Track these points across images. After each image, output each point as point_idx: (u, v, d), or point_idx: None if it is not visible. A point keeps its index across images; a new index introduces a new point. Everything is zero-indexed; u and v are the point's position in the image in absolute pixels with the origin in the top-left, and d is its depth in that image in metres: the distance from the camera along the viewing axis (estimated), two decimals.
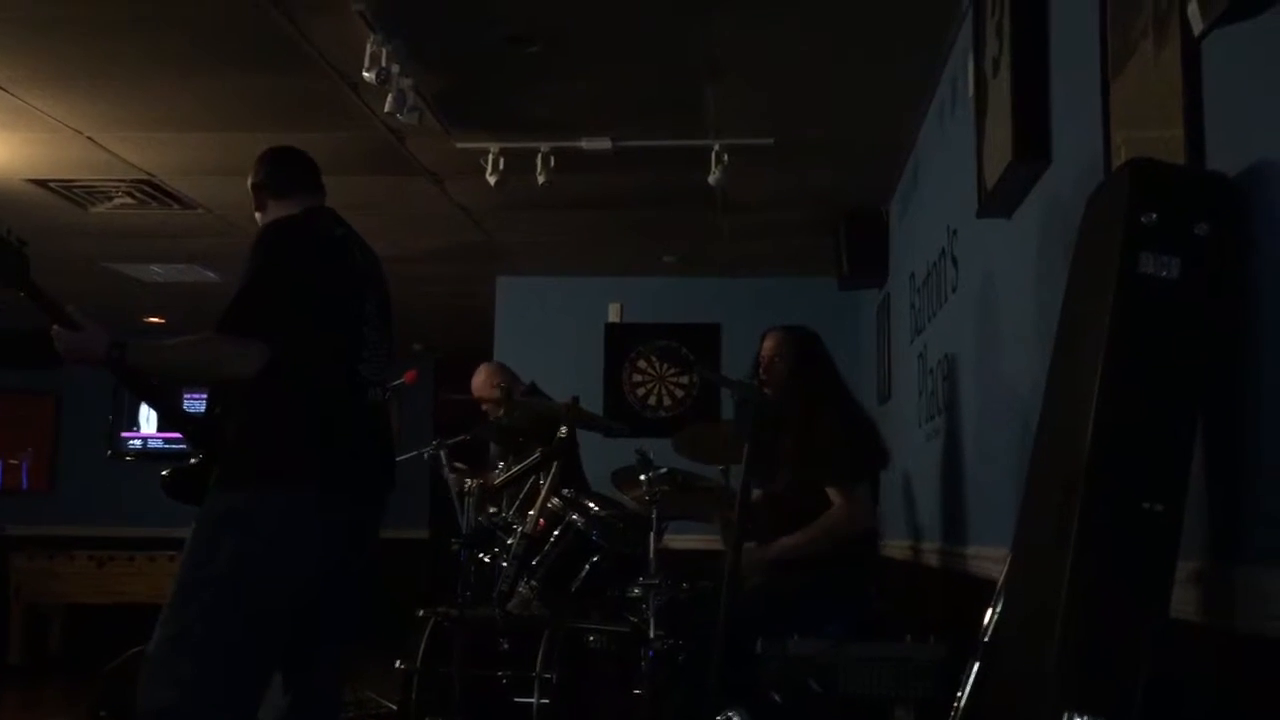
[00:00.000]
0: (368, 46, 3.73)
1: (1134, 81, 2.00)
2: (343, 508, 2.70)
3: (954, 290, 3.88)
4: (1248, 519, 1.58)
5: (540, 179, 4.84)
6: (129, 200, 5.72)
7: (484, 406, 5.12)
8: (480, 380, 5.21)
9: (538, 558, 3.77)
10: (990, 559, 2.98)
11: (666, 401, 7.34)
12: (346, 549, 2.72)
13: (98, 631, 7.03)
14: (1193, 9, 1.64)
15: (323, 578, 2.68)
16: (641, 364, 7.37)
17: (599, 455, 4.40)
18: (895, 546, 4.79)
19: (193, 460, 2.76)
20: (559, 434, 4.04)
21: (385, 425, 2.89)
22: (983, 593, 2.29)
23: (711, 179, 4.78)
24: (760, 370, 3.76)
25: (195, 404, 3.15)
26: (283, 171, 2.96)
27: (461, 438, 4.57)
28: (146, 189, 5.55)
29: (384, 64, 3.75)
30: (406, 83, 3.95)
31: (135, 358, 2.62)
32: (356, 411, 2.75)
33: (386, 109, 3.99)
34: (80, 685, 6.25)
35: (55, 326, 2.58)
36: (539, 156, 4.82)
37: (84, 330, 2.59)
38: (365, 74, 3.76)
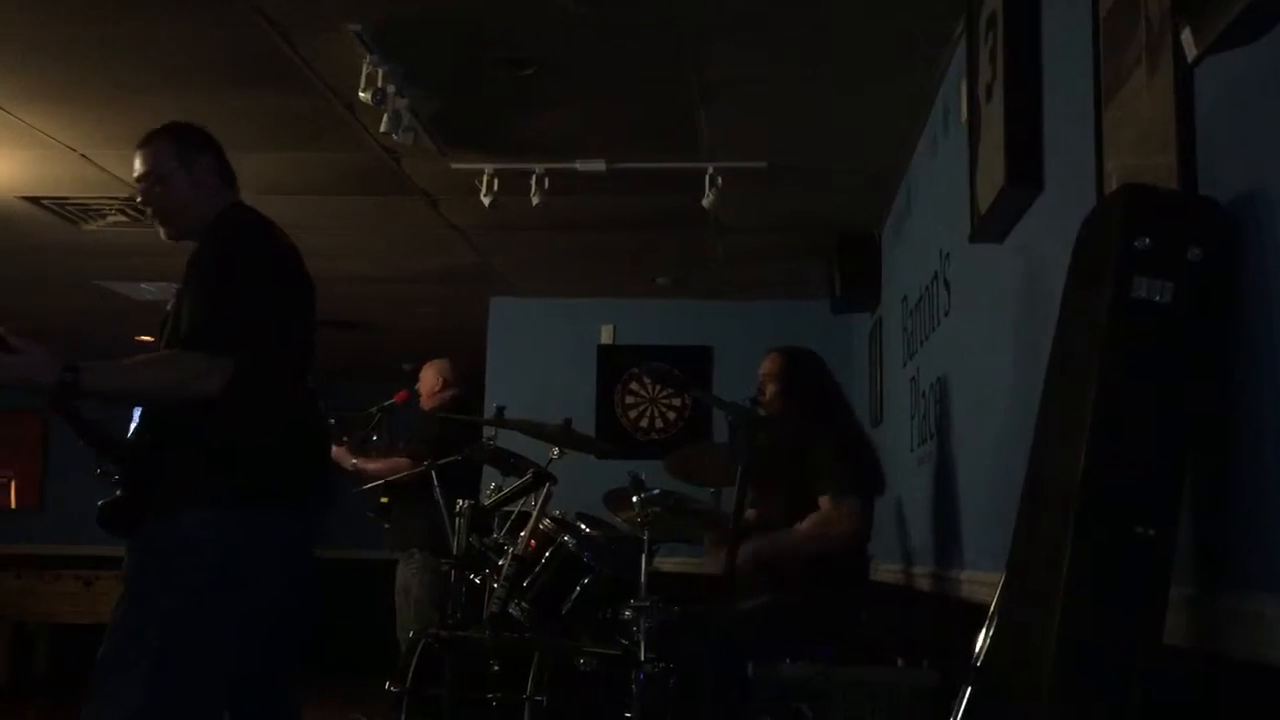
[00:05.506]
0: (364, 67, 3.74)
1: (1127, 108, 2.01)
2: (299, 527, 2.57)
3: (946, 314, 3.88)
4: (1240, 544, 1.58)
5: (534, 200, 4.84)
6: (122, 218, 5.72)
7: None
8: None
9: (528, 579, 3.76)
10: (982, 583, 2.97)
11: (659, 424, 7.33)
12: (299, 569, 2.60)
13: (84, 651, 6.97)
14: (1186, 36, 1.65)
15: (279, 601, 2.55)
16: (634, 386, 7.37)
17: (591, 477, 4.39)
18: (887, 570, 4.78)
19: (119, 492, 2.52)
20: (551, 455, 4.05)
21: (327, 435, 2.78)
22: (975, 617, 2.29)
23: (705, 202, 4.79)
24: (757, 391, 3.79)
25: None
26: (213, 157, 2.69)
27: (453, 458, 4.56)
28: (140, 207, 5.54)
29: (380, 84, 3.76)
30: (402, 103, 3.96)
31: (92, 382, 2.36)
32: (311, 427, 2.64)
33: (382, 129, 4.00)
34: (66, 706, 6.20)
35: None
36: (533, 178, 4.83)
37: (26, 355, 2.30)
38: (361, 94, 3.77)
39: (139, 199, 2.72)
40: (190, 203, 2.65)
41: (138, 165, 2.69)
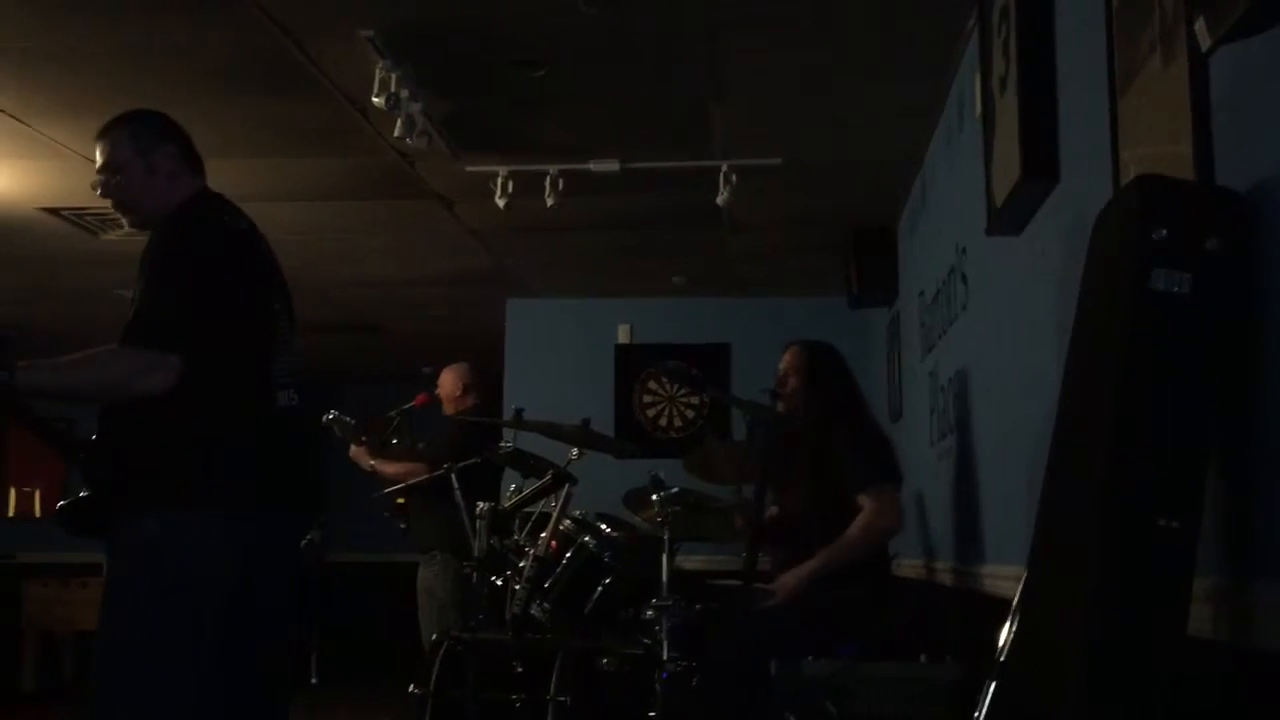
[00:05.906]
0: (377, 72, 3.75)
1: (1141, 98, 2.00)
2: (270, 531, 2.47)
3: (964, 308, 3.87)
4: (1262, 534, 1.57)
5: (549, 201, 4.85)
6: None
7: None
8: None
9: (550, 580, 3.77)
10: (1004, 577, 2.96)
11: (677, 422, 7.33)
12: (276, 574, 2.50)
13: None
14: (1200, 24, 1.64)
15: (246, 606, 2.42)
16: (652, 385, 7.37)
17: (610, 477, 4.40)
18: (909, 565, 4.77)
19: (83, 493, 2.45)
20: (570, 455, 4.06)
21: (300, 433, 2.62)
22: (997, 611, 2.28)
23: (720, 199, 4.79)
24: (776, 385, 3.79)
25: None
26: (175, 145, 2.58)
27: (474, 460, 4.57)
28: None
29: (393, 89, 3.78)
30: (416, 107, 3.97)
31: (30, 380, 2.29)
32: (270, 422, 2.49)
33: (396, 134, 4.01)
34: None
35: None
36: (548, 179, 4.83)
37: None
38: (375, 99, 3.78)
39: (98, 191, 2.61)
40: (147, 192, 2.57)
41: (97, 156, 2.60)
